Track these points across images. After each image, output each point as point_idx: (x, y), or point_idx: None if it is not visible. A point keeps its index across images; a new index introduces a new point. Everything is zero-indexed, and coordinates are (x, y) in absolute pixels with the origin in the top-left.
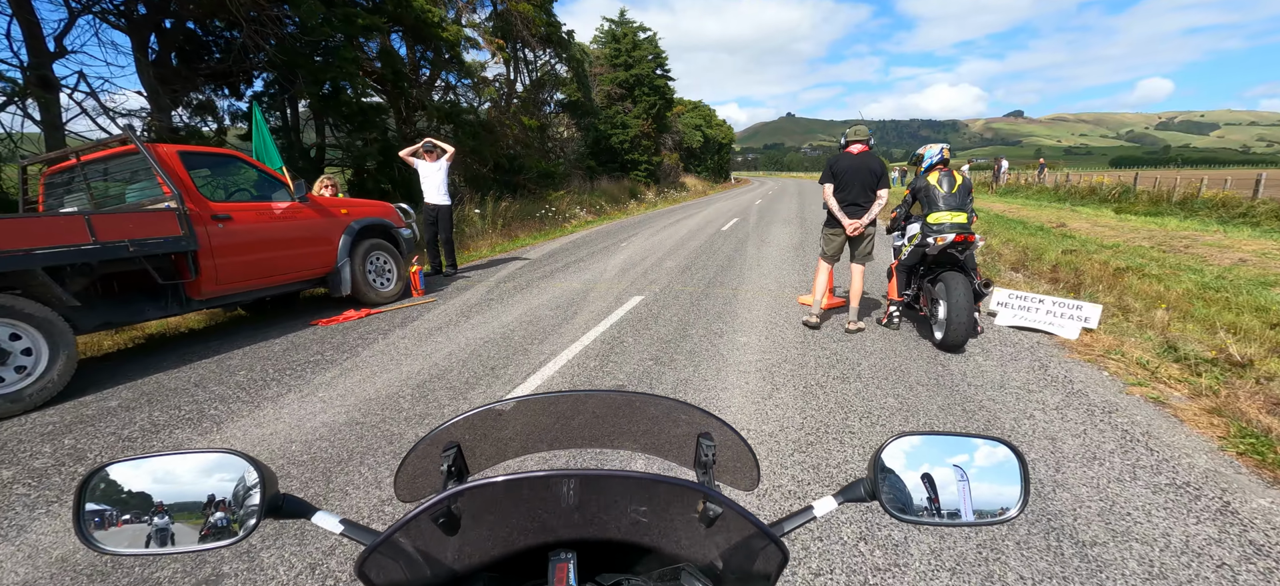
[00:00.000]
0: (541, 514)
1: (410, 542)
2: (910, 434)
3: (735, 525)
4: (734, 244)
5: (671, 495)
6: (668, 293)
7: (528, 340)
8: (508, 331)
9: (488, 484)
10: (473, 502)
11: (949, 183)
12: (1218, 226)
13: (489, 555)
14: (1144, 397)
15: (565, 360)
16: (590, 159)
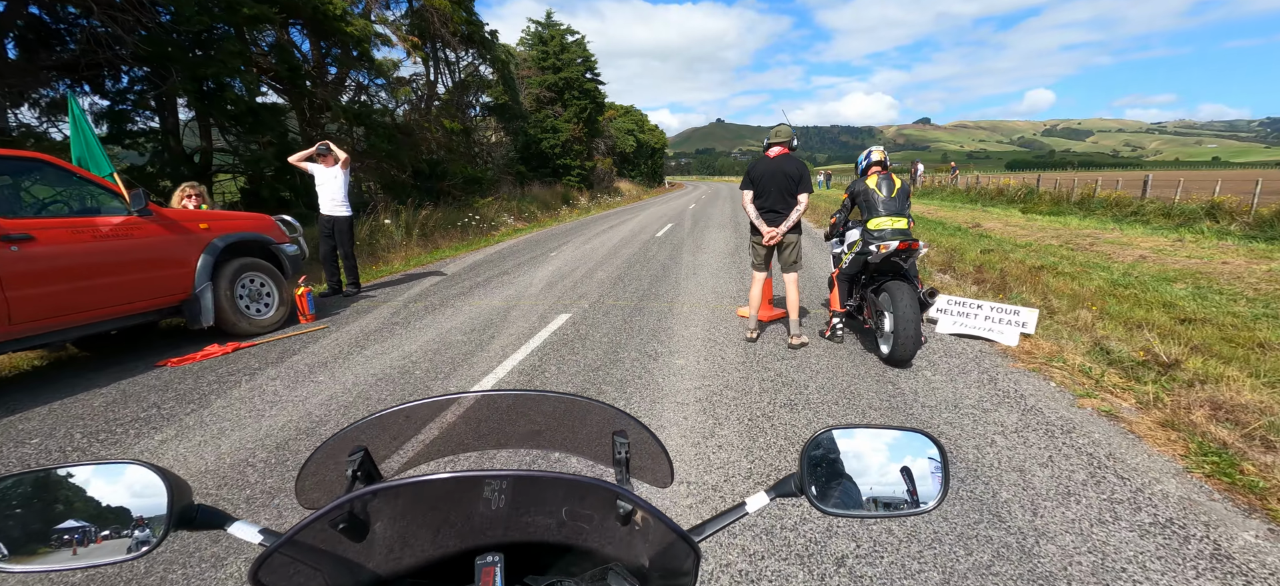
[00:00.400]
0: (457, 516)
1: (318, 547)
2: (837, 428)
3: (650, 523)
4: (669, 251)
5: (583, 494)
6: (598, 309)
7: (430, 374)
8: (408, 364)
9: (390, 486)
10: (381, 506)
11: (887, 186)
12: (1114, 224)
13: (411, 560)
14: (1095, 410)
15: (473, 400)
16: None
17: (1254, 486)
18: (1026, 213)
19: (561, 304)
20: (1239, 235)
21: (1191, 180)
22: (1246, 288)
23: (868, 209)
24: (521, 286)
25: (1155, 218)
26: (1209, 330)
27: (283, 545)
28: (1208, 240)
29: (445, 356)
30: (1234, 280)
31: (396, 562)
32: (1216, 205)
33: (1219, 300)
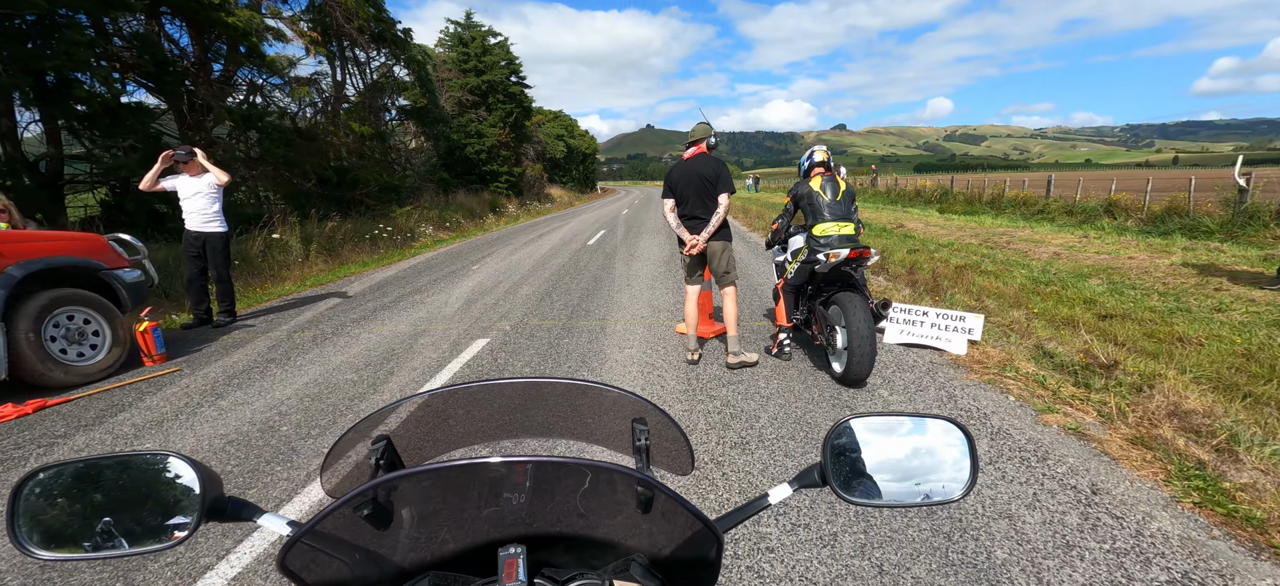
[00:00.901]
0: (479, 505)
1: (342, 537)
2: (861, 416)
3: (673, 511)
4: (601, 260)
5: (605, 479)
6: (521, 331)
7: (300, 432)
8: (273, 417)
9: (412, 473)
10: (404, 494)
11: (832, 189)
12: (1024, 222)
13: (434, 551)
14: (1061, 428)
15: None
16: (443, 171)
17: (1251, 518)
18: (943, 212)
19: (479, 327)
20: (1135, 230)
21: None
22: (1155, 282)
23: (812, 214)
24: (434, 307)
25: (1059, 215)
26: (1131, 326)
27: (306, 533)
28: (1110, 236)
29: (324, 404)
30: (1142, 275)
31: (420, 552)
32: (1113, 203)
33: (1134, 295)
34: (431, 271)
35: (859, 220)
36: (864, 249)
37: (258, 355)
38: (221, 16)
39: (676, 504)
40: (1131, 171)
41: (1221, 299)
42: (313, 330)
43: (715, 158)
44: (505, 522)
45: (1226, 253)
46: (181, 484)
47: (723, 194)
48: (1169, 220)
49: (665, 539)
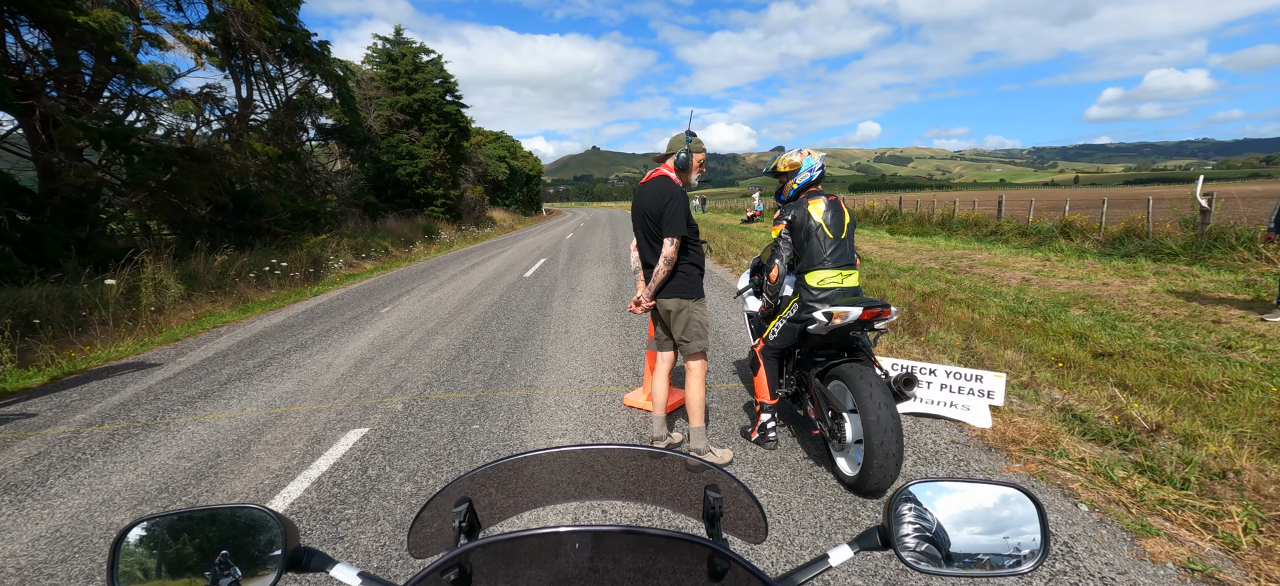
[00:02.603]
0: (554, 569)
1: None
2: (925, 481)
3: (743, 580)
4: (537, 298)
5: (680, 550)
6: (416, 412)
7: None
8: None
9: (497, 540)
10: (485, 559)
11: (836, 220)
12: (979, 244)
13: None
14: (1179, 570)
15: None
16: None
17: None
18: (894, 233)
19: (359, 407)
20: (1096, 253)
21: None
22: (1143, 313)
23: (807, 254)
24: (310, 374)
25: (1014, 237)
26: (1137, 367)
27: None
28: (1071, 258)
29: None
30: (1126, 304)
31: None
32: (1069, 224)
33: (1127, 329)
34: (329, 317)
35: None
36: (881, 308)
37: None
38: (69, 15)
39: (748, 572)
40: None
41: (1226, 333)
42: (116, 421)
43: (666, 184)
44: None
45: (1200, 277)
46: (266, 535)
47: (667, 236)
48: (1129, 242)
49: None
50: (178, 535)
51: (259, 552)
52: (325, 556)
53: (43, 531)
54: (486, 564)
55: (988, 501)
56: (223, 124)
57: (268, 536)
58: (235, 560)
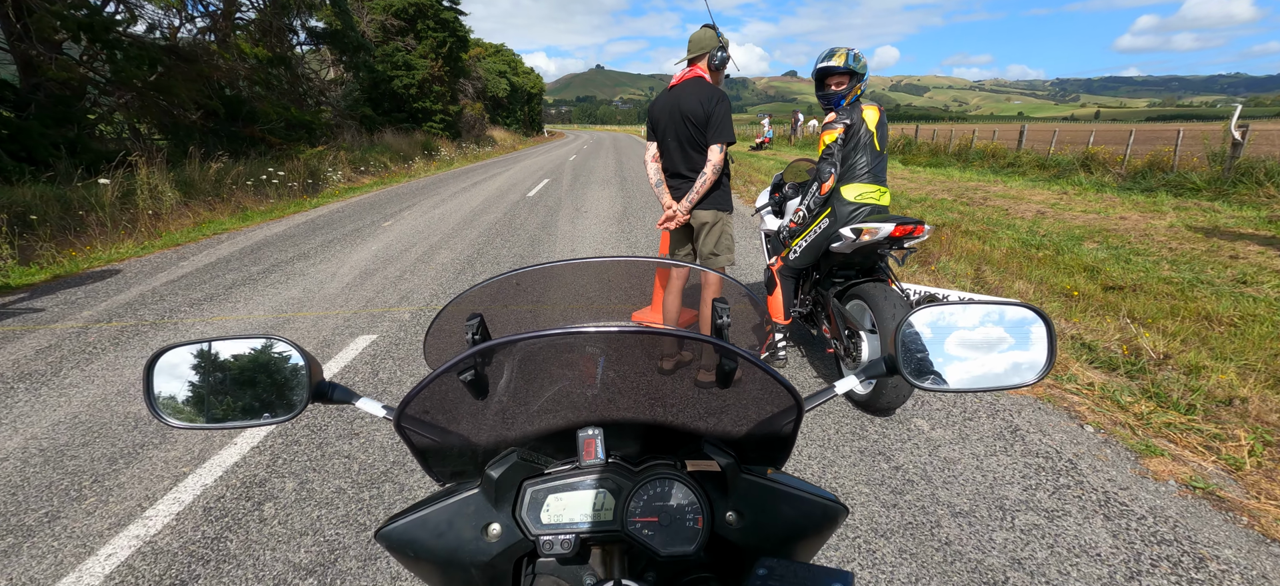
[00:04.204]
0: (563, 382)
1: (442, 402)
2: (932, 304)
3: (751, 381)
4: (542, 217)
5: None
6: (424, 322)
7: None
8: None
9: (510, 341)
10: (497, 366)
11: (883, 132)
12: (994, 176)
13: (520, 430)
14: (1181, 486)
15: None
16: (367, 106)
17: None
18: (907, 164)
19: (368, 314)
20: (1115, 187)
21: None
22: (1159, 247)
23: (849, 166)
24: (316, 281)
25: (1031, 169)
26: (1146, 301)
27: (420, 392)
28: (1089, 192)
29: (58, 470)
30: (1142, 238)
31: (506, 430)
32: (1090, 157)
33: (1141, 263)
34: (331, 228)
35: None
36: (914, 224)
37: (11, 365)
38: None
39: (759, 372)
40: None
41: (1242, 269)
42: (124, 319)
43: (707, 87)
44: (583, 407)
45: (1222, 213)
46: (290, 366)
47: (715, 144)
48: (1151, 176)
49: (740, 415)
50: (207, 361)
51: (285, 381)
52: (348, 389)
53: (62, 417)
54: (498, 370)
55: (993, 319)
56: (207, 22)
57: (293, 366)
58: (264, 388)
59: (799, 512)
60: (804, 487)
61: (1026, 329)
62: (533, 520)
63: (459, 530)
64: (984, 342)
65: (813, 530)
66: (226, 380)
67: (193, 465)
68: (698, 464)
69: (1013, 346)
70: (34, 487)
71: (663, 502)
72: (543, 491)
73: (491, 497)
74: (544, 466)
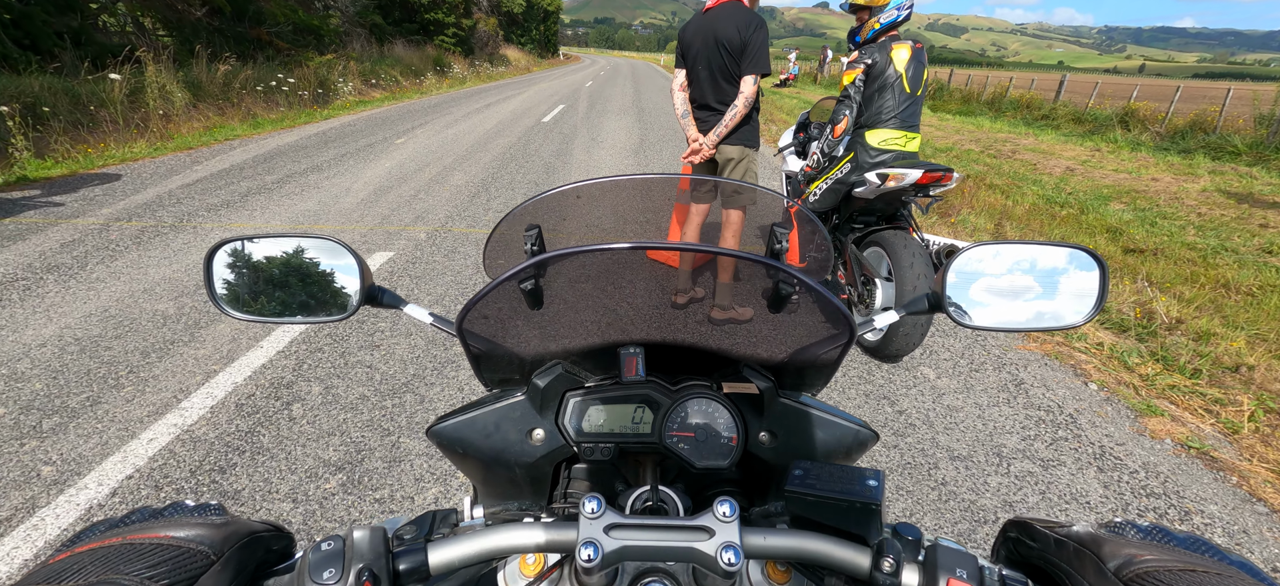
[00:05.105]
0: (610, 295)
1: (498, 311)
2: (978, 244)
3: (804, 305)
4: (557, 145)
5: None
6: (439, 242)
7: (27, 416)
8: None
9: (567, 253)
10: (552, 276)
11: (916, 73)
12: (1027, 128)
13: (565, 345)
14: (1177, 445)
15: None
16: (376, 13)
17: None
18: (935, 111)
19: (384, 231)
20: (1151, 146)
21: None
22: (1188, 212)
23: (872, 109)
24: (331, 195)
25: (1066, 123)
26: (1166, 265)
27: (481, 299)
28: (1123, 150)
29: (97, 359)
30: (1172, 202)
31: (554, 343)
32: (1130, 112)
33: (1167, 227)
34: (343, 142)
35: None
36: (942, 172)
37: (38, 257)
38: None
39: (812, 296)
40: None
41: (1271, 237)
42: (144, 219)
43: (745, 12)
44: (626, 326)
45: (1259, 179)
46: (344, 266)
47: (749, 74)
48: (1190, 136)
49: (784, 340)
50: (264, 255)
51: (339, 281)
52: (397, 295)
53: (92, 310)
54: (553, 280)
55: (1043, 260)
56: None
57: (346, 266)
58: (318, 286)
59: (831, 436)
60: (837, 413)
61: (1077, 270)
62: (574, 428)
63: (505, 433)
64: (1032, 283)
65: (842, 454)
66: (283, 275)
67: (222, 364)
68: (734, 386)
69: (1061, 288)
70: (73, 374)
71: (699, 420)
72: (584, 402)
73: (536, 405)
74: (585, 379)
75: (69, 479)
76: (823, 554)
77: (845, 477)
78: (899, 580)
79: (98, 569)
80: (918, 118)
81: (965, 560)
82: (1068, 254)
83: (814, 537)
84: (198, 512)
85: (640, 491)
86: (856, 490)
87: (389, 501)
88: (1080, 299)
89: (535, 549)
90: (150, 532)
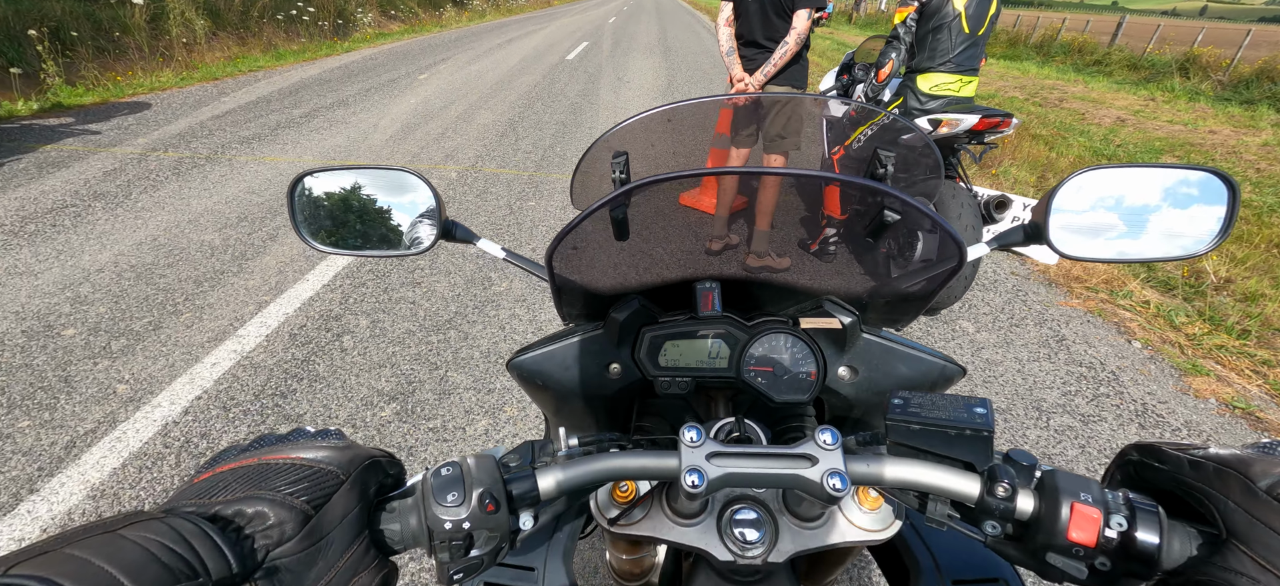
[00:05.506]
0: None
1: (587, 242)
2: (1091, 169)
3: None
4: (582, 84)
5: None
6: (470, 183)
7: (96, 337)
8: (62, 304)
9: (658, 180)
10: (637, 205)
11: (979, 10)
12: (1076, 75)
13: (642, 280)
14: (1221, 405)
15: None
16: None
17: None
18: None
19: (416, 169)
20: (1211, 95)
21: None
22: (1245, 167)
23: (928, 50)
24: (360, 131)
25: (1120, 69)
26: None
27: (571, 230)
28: (1180, 100)
29: (153, 286)
30: (1230, 156)
31: (631, 276)
32: (1191, 58)
33: None
34: (366, 76)
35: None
36: (1001, 117)
37: (83, 184)
38: None
39: (927, 219)
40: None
41: None
42: (180, 149)
43: None
44: (701, 263)
45: None
46: (422, 200)
47: (802, 9)
48: (1255, 86)
49: (878, 270)
50: (345, 188)
51: (416, 215)
52: (469, 230)
53: (142, 239)
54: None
55: (1162, 184)
56: None
57: (424, 201)
58: (396, 219)
59: (915, 371)
60: (921, 349)
61: (1201, 195)
62: (651, 362)
63: (584, 366)
64: (1147, 209)
65: (927, 389)
66: (361, 208)
67: (272, 294)
68: (813, 321)
69: (1179, 214)
70: (133, 299)
71: (777, 355)
72: (661, 337)
73: (614, 339)
74: (661, 314)
75: (143, 397)
76: (931, 480)
77: (952, 406)
78: (1014, 505)
79: (242, 485)
80: (977, 61)
81: (1087, 485)
82: (1192, 175)
83: (919, 464)
84: (320, 437)
85: (724, 422)
86: (968, 417)
87: (443, 430)
88: (1201, 225)
89: (639, 475)
90: (282, 454)
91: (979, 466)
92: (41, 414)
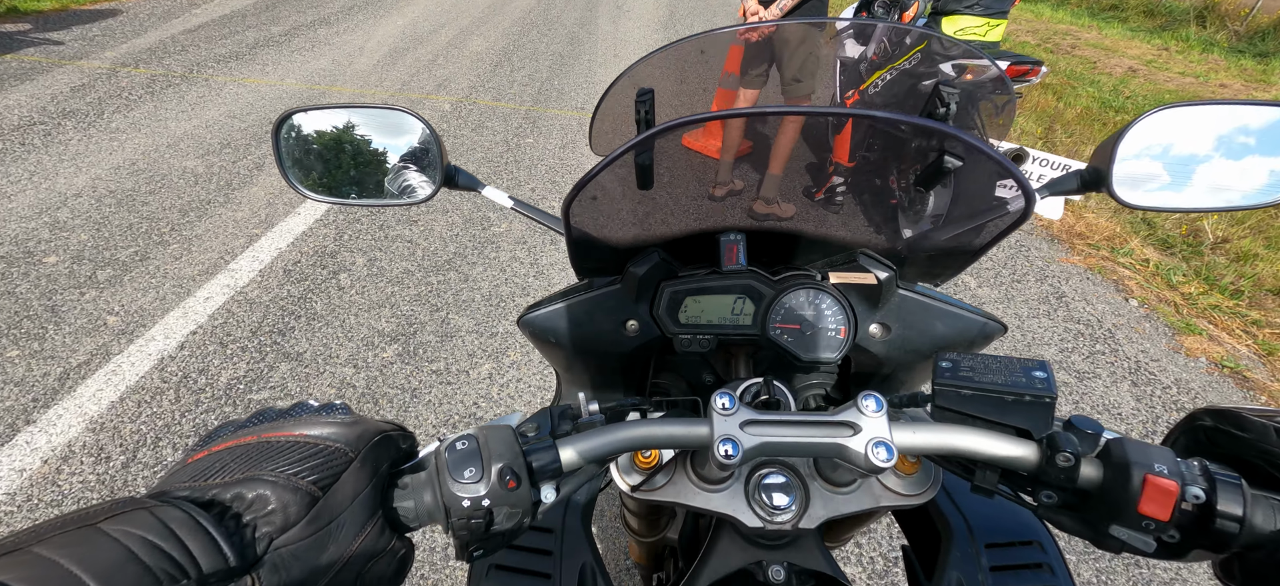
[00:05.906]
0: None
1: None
2: (1169, 107)
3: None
4: (579, 12)
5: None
6: (465, 115)
7: (80, 264)
8: (40, 230)
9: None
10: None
11: None
12: (1090, 20)
13: (661, 232)
14: (1211, 364)
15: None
16: None
17: None
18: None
19: (405, 98)
20: (1225, 46)
21: None
22: None
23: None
24: (345, 54)
25: (1135, 16)
26: None
27: (589, 180)
28: (1193, 51)
29: (136, 214)
30: None
31: (650, 228)
32: (1211, 6)
33: None
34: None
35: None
36: (1031, 65)
37: (51, 100)
38: None
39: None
40: None
41: None
42: (152, 66)
43: None
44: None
45: None
46: (421, 143)
47: None
48: (1272, 38)
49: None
50: (336, 128)
51: (415, 160)
52: (473, 176)
53: (119, 162)
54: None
55: (1237, 124)
56: None
57: (423, 144)
58: (393, 164)
59: (952, 329)
60: (960, 305)
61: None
62: (670, 319)
63: (599, 322)
64: (1221, 153)
65: (964, 348)
66: (357, 151)
67: (262, 228)
68: (844, 275)
69: (1258, 158)
70: (115, 227)
71: (805, 311)
72: (681, 292)
73: (632, 294)
74: (681, 268)
75: (135, 330)
76: (984, 449)
77: (1007, 369)
78: (1076, 474)
79: (240, 466)
80: (1008, 2)
81: (1161, 455)
82: (1270, 114)
83: (970, 431)
84: (324, 412)
85: (750, 383)
86: (1027, 383)
87: (446, 373)
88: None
89: (667, 444)
90: (284, 431)
91: (1036, 433)
92: (30, 343)
